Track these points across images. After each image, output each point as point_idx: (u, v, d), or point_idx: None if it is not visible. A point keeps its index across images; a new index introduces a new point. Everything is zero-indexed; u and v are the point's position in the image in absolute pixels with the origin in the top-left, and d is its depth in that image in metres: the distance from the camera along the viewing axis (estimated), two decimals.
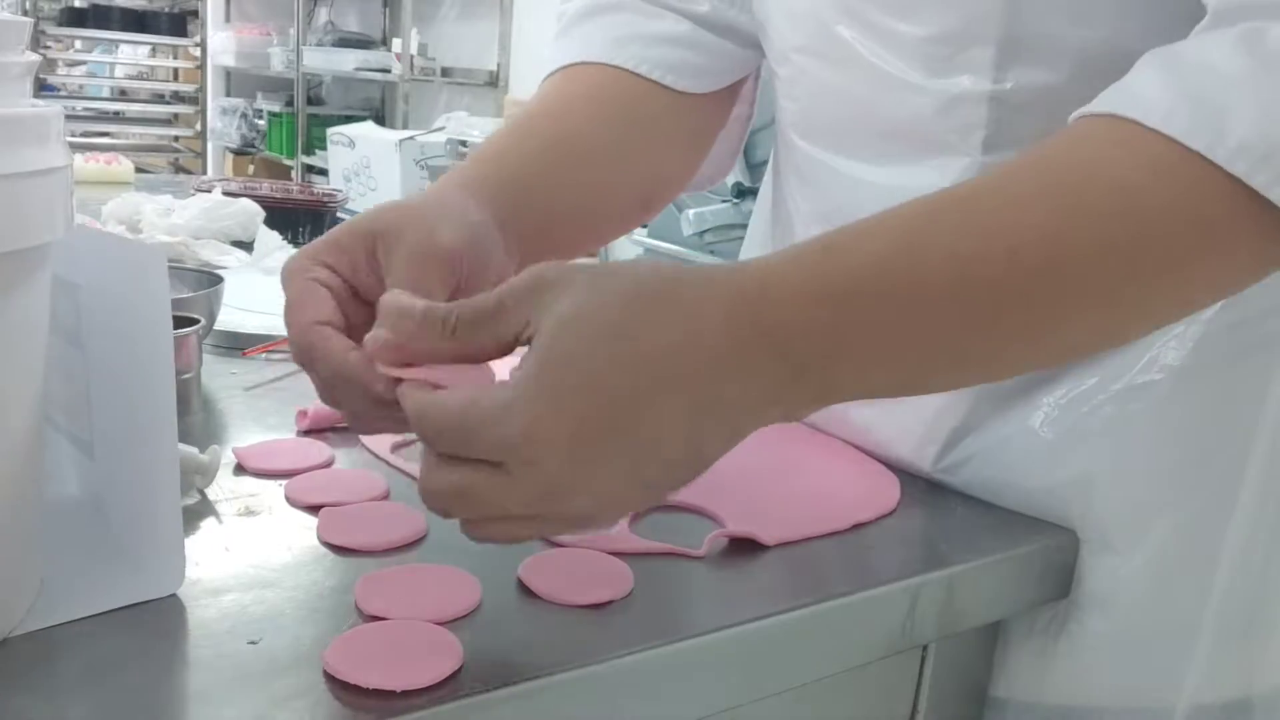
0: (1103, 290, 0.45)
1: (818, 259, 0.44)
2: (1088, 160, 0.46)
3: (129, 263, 0.46)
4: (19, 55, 0.40)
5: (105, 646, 0.42)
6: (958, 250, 0.44)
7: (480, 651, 0.44)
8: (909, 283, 0.44)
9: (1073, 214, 0.44)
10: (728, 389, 0.42)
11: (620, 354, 0.41)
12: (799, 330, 0.43)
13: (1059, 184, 0.45)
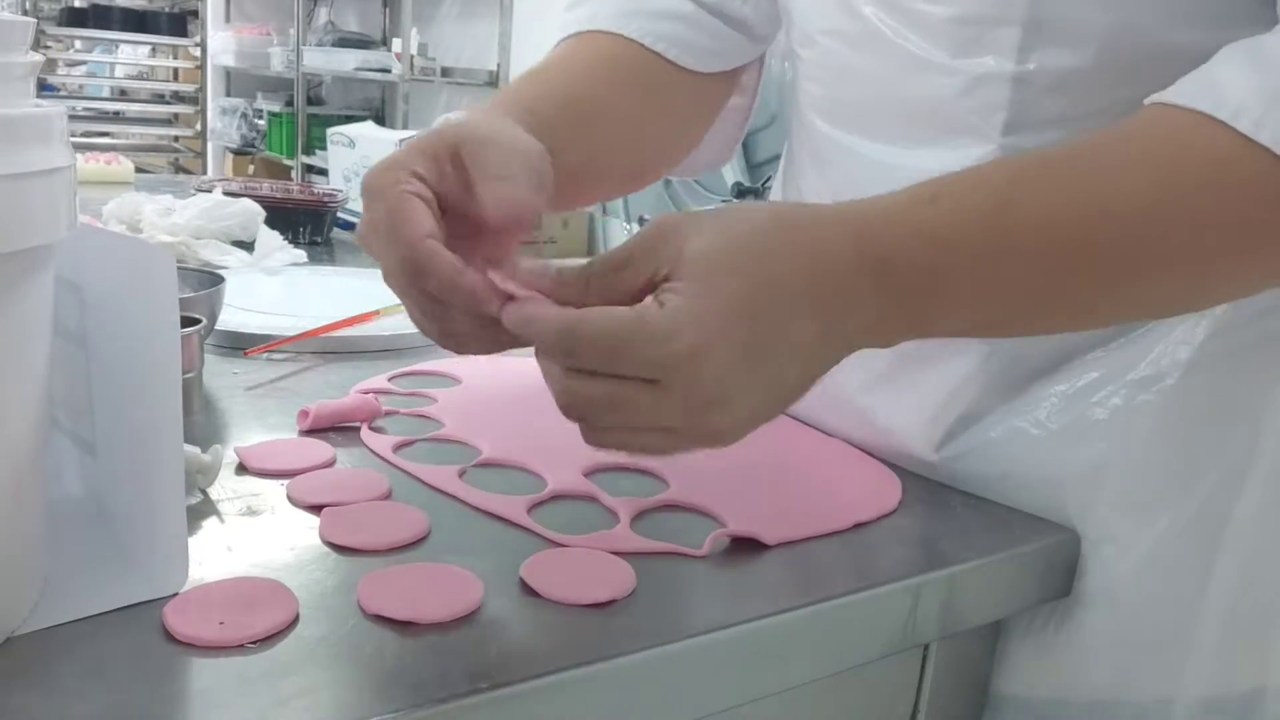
0: (1189, 257, 0.48)
1: (926, 209, 0.48)
2: (1179, 142, 0.48)
3: (135, 262, 0.46)
4: (21, 55, 0.40)
5: (108, 646, 0.42)
6: (1052, 209, 0.47)
7: (481, 651, 0.44)
8: (1004, 237, 0.47)
9: (1164, 184, 0.47)
10: (852, 313, 0.47)
11: (762, 279, 0.45)
12: (907, 267, 0.47)
13: (1151, 155, 0.48)
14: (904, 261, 0.47)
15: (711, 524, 0.58)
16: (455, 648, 0.43)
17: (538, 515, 0.58)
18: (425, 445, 0.67)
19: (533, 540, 0.55)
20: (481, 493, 0.60)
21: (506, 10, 4.27)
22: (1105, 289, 0.49)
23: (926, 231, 0.47)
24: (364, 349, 0.87)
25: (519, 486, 0.61)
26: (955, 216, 0.47)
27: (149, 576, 0.46)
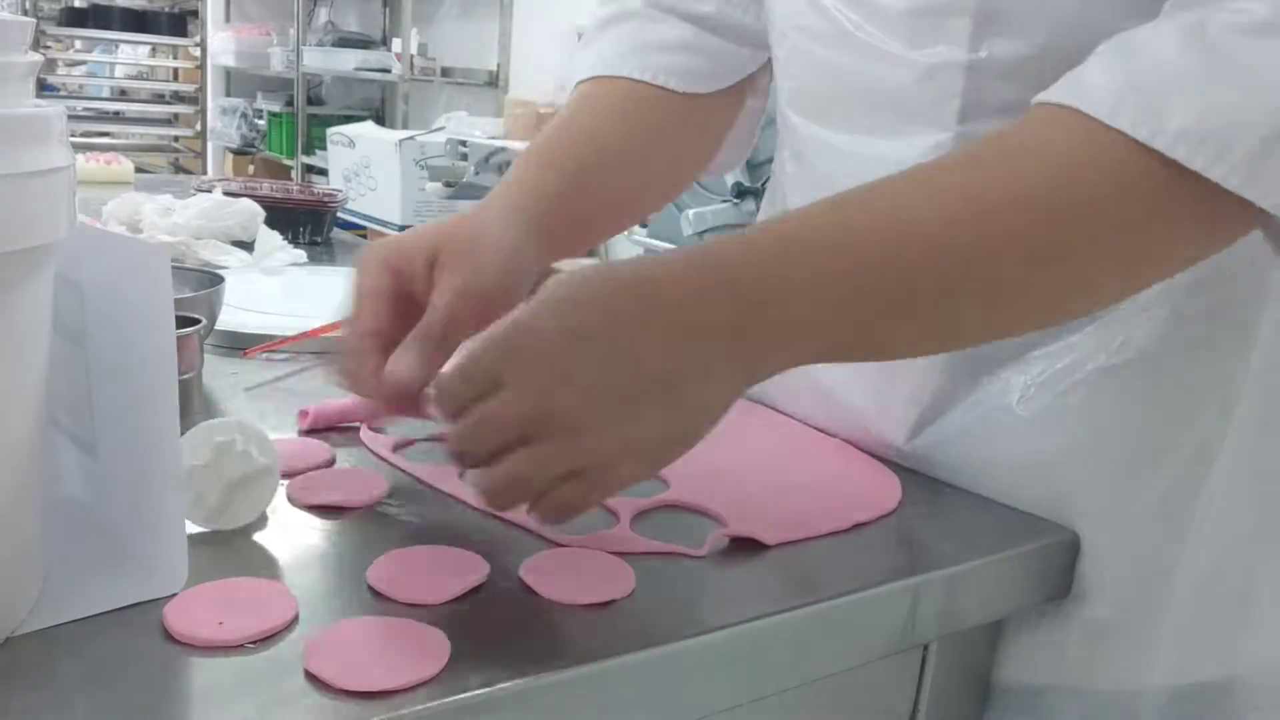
0: (1041, 257, 0.49)
1: (774, 222, 0.51)
2: (1037, 143, 0.49)
3: (133, 262, 0.46)
4: (21, 55, 0.40)
5: (107, 646, 0.42)
6: (886, 213, 0.49)
7: (481, 650, 0.44)
8: (847, 237, 0.49)
9: (1011, 187, 0.49)
10: (691, 315, 0.48)
11: (596, 294, 0.48)
12: (751, 270, 0.48)
13: (1003, 161, 0.50)
14: (750, 264, 0.49)
15: (711, 524, 0.58)
16: (454, 648, 0.43)
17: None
18: (425, 445, 0.67)
19: (533, 540, 0.55)
20: None
21: (506, 10, 4.27)
22: (960, 292, 0.49)
23: (767, 237, 0.50)
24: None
25: None
26: (800, 222, 0.50)
27: (148, 576, 0.46)
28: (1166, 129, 0.46)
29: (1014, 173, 0.49)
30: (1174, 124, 0.46)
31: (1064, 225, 0.48)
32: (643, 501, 0.60)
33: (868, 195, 0.51)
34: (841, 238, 0.49)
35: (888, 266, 0.49)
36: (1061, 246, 0.49)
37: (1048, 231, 0.49)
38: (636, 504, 0.59)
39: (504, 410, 0.47)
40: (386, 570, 0.49)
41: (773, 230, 0.51)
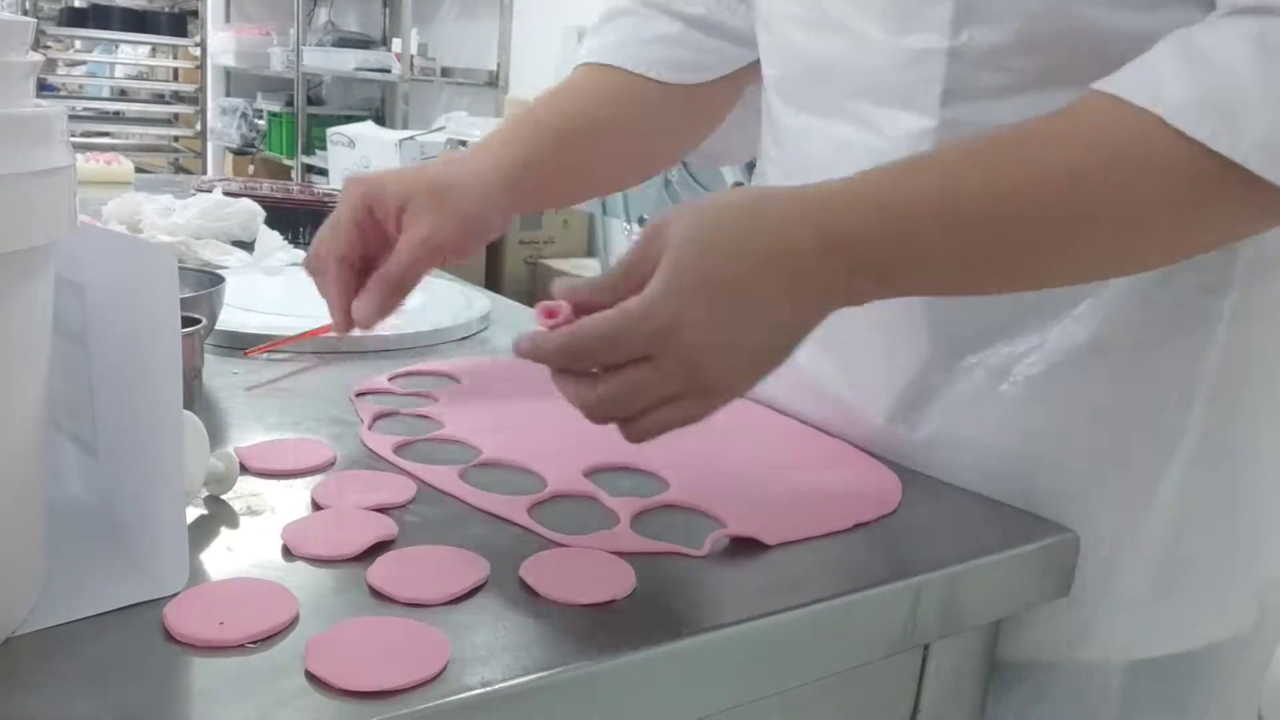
0: (1118, 225, 0.53)
1: (877, 186, 0.54)
2: (1118, 127, 0.52)
3: (137, 262, 0.46)
4: (22, 55, 0.40)
5: (108, 646, 0.42)
6: (997, 179, 0.53)
7: (482, 650, 0.44)
8: (946, 209, 0.53)
9: (1099, 159, 0.52)
10: (811, 271, 0.52)
11: (729, 253, 0.51)
12: (862, 237, 0.52)
13: (1092, 136, 0.53)
14: (862, 232, 0.52)
15: (711, 524, 0.58)
16: (454, 648, 0.43)
17: (538, 515, 0.58)
18: (425, 445, 0.67)
19: (533, 540, 0.55)
20: (482, 493, 0.60)
21: (506, 10, 4.27)
22: (1046, 248, 0.54)
23: (877, 206, 0.53)
24: (364, 349, 0.87)
25: (519, 486, 0.61)
26: (903, 191, 0.53)
27: (149, 577, 0.46)
28: (1241, 144, 0.49)
29: (1103, 156, 0.52)
30: (1249, 139, 0.49)
31: (1144, 223, 0.53)
32: (643, 501, 0.60)
33: (963, 160, 0.54)
34: (949, 217, 0.53)
35: (984, 234, 0.53)
36: (1141, 240, 0.54)
37: (1130, 233, 0.53)
38: (637, 504, 0.59)
39: (655, 379, 0.51)
40: (386, 570, 0.49)
41: (875, 198, 0.53)
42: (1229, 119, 0.49)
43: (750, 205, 0.53)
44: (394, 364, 0.83)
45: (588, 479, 0.63)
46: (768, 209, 0.53)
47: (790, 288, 0.52)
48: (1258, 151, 0.49)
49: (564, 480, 0.62)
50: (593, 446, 0.67)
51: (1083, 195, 0.52)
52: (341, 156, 3.93)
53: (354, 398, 0.75)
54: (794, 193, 0.54)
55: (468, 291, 1.08)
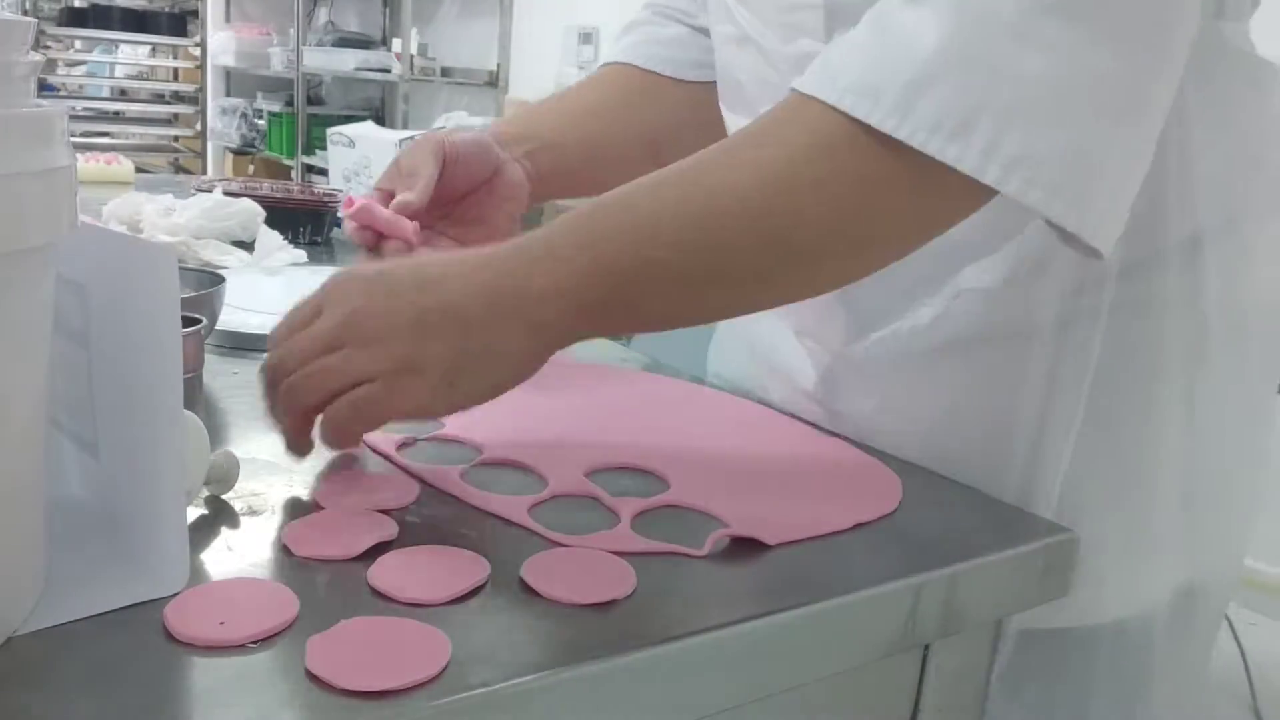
0: (765, 232, 0.56)
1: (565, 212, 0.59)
2: (778, 132, 0.57)
3: (137, 262, 0.46)
4: (22, 55, 0.40)
5: (109, 646, 0.42)
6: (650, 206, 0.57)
7: (482, 650, 0.44)
8: (589, 225, 0.57)
9: (743, 182, 0.56)
10: (482, 273, 0.57)
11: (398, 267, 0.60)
12: (527, 245, 0.58)
13: (756, 140, 0.58)
14: (554, 239, 0.57)
15: (712, 524, 0.58)
16: (455, 648, 0.43)
17: (538, 515, 0.58)
18: (426, 444, 0.67)
19: (533, 540, 0.55)
20: (482, 492, 0.60)
21: (506, 10, 4.27)
22: (733, 266, 0.57)
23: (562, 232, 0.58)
24: None
25: (520, 486, 0.61)
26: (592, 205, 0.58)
27: (150, 576, 0.46)
28: (836, 86, 0.54)
29: (747, 169, 0.56)
30: (841, 82, 0.54)
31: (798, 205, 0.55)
32: (643, 501, 0.60)
33: (644, 189, 0.58)
34: (585, 226, 0.57)
35: (626, 252, 0.56)
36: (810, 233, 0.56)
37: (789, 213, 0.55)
38: (637, 504, 0.59)
39: (319, 327, 0.57)
40: (387, 570, 0.49)
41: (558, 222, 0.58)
42: (830, 74, 0.54)
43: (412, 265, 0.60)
44: None
45: (588, 479, 0.63)
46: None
47: (461, 277, 0.57)
48: (848, 93, 0.53)
49: (565, 480, 0.62)
50: (593, 447, 0.68)
51: (746, 204, 0.55)
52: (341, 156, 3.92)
53: None
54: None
55: None
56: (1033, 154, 0.51)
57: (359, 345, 0.56)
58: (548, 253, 0.57)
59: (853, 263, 0.59)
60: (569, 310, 0.56)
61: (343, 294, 0.58)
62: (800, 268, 0.57)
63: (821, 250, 0.57)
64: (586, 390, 0.81)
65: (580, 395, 0.80)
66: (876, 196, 0.55)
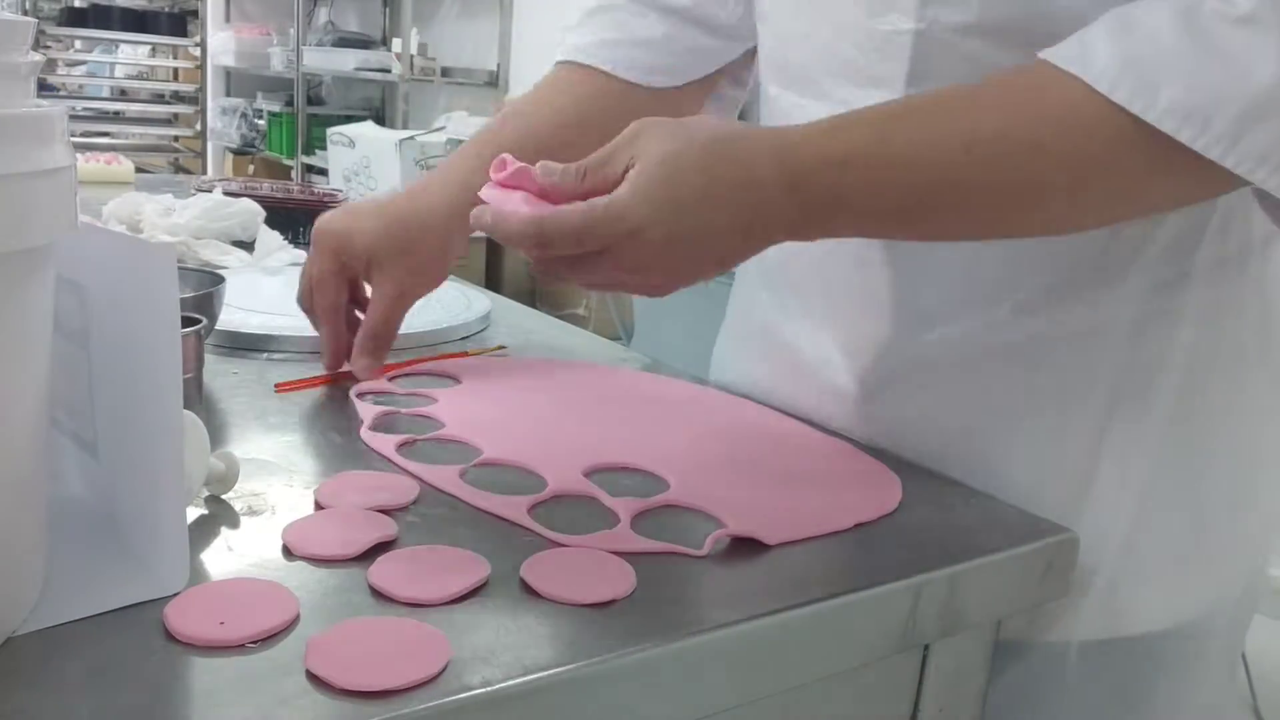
0: (1033, 181, 0.56)
1: (825, 138, 0.58)
2: (1042, 90, 0.56)
3: (137, 262, 0.46)
4: (22, 55, 0.40)
5: (109, 646, 0.42)
6: (921, 138, 0.57)
7: (482, 650, 0.44)
8: (885, 165, 0.57)
9: (1019, 119, 0.56)
10: (771, 216, 0.58)
11: (699, 175, 0.57)
12: (812, 184, 0.57)
13: (1013, 98, 0.57)
14: (810, 180, 0.57)
15: (711, 524, 0.58)
16: (455, 647, 0.43)
17: (538, 515, 0.58)
18: (426, 445, 0.67)
19: (533, 540, 0.55)
20: (482, 493, 0.60)
21: (506, 10, 4.27)
22: (968, 202, 0.58)
23: (825, 157, 0.57)
24: None
25: (519, 486, 0.61)
26: (843, 143, 0.58)
27: (150, 576, 0.46)
28: (1157, 105, 0.52)
29: (1028, 121, 0.56)
30: (1163, 101, 0.52)
31: (1060, 170, 0.56)
32: (643, 501, 0.60)
33: (901, 124, 0.58)
34: (882, 171, 0.57)
35: (919, 199, 0.58)
36: (1054, 189, 0.56)
37: (1053, 177, 0.56)
38: (637, 504, 0.59)
39: (601, 272, 0.58)
40: (387, 570, 0.49)
41: (827, 150, 0.58)
42: (1146, 83, 0.52)
43: (722, 133, 0.58)
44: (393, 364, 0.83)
45: (588, 479, 0.63)
46: (737, 139, 0.58)
47: (748, 220, 0.57)
48: (1171, 114, 0.52)
49: (564, 480, 0.62)
50: (593, 446, 0.68)
51: (1004, 153, 0.56)
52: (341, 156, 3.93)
53: (354, 397, 0.75)
54: (760, 130, 0.60)
55: (468, 291, 1.08)
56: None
57: (636, 278, 0.59)
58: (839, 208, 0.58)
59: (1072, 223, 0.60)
60: (841, 234, 0.61)
61: (636, 240, 0.56)
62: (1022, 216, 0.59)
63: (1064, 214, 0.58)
64: (586, 390, 0.81)
65: (580, 395, 0.80)
66: (1140, 192, 0.57)
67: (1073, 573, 0.63)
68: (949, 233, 0.62)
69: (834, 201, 0.58)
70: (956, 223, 0.60)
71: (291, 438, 0.67)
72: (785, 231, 0.59)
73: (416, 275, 0.78)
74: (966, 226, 0.60)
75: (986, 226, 0.60)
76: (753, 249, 0.60)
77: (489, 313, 1.01)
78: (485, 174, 0.73)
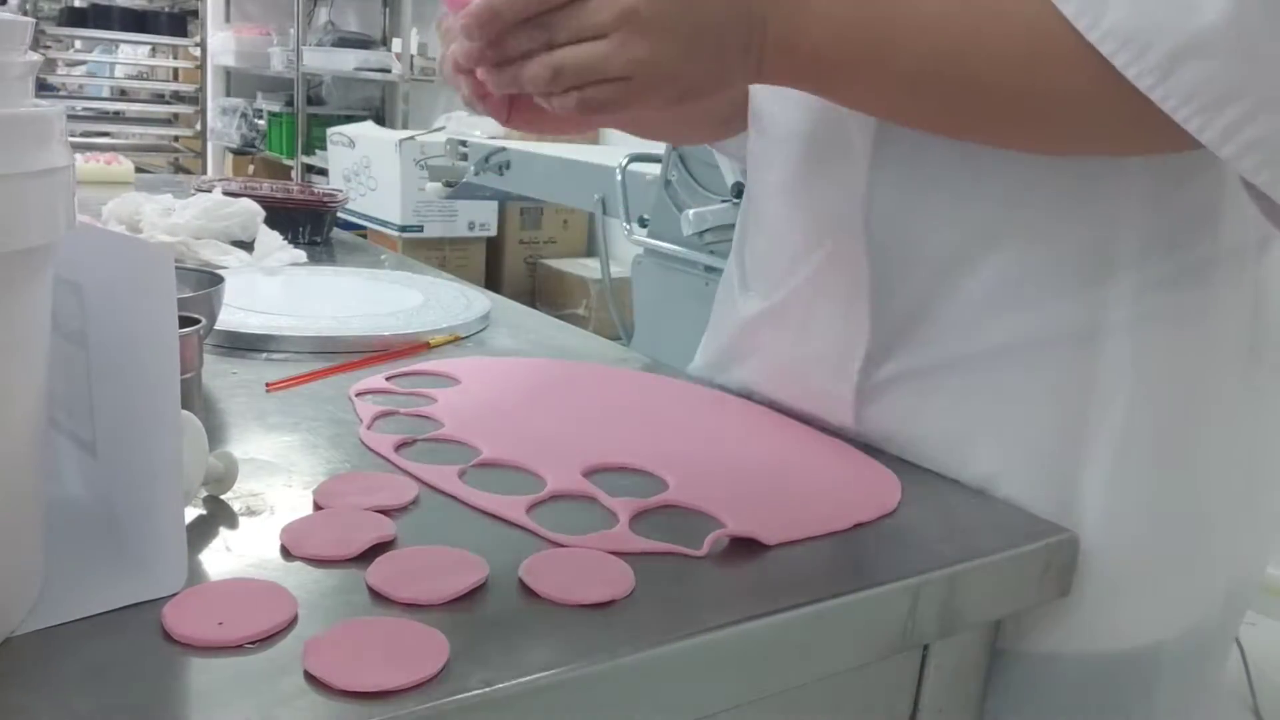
0: (980, 81, 0.56)
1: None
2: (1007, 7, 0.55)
3: (135, 262, 0.46)
4: (20, 55, 0.40)
5: (107, 646, 0.42)
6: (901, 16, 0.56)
7: (480, 650, 0.44)
8: (859, 25, 0.56)
9: (981, 12, 0.55)
10: (766, 31, 0.56)
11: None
12: (803, 32, 0.56)
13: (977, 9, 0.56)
14: (802, 31, 0.56)
15: (711, 524, 0.58)
16: (454, 648, 0.43)
17: (537, 515, 0.58)
18: (425, 445, 0.67)
19: (532, 540, 0.55)
20: (481, 493, 0.60)
21: None
22: (924, 85, 0.57)
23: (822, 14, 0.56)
24: (362, 349, 0.87)
25: (518, 486, 0.61)
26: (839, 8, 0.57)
27: (148, 576, 0.46)
28: (1100, 24, 0.52)
29: (977, 26, 0.55)
30: (1107, 21, 0.52)
31: (998, 71, 0.55)
32: (642, 502, 0.60)
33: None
34: (859, 23, 0.57)
35: (864, 26, 0.57)
36: (995, 90, 0.56)
37: (985, 74, 0.56)
38: (636, 504, 0.59)
39: (607, 50, 0.54)
40: (385, 571, 0.49)
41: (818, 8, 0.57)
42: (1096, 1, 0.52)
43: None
44: (393, 364, 0.83)
45: (587, 479, 0.63)
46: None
47: (741, 11, 0.55)
48: (1111, 36, 0.51)
49: (563, 480, 0.62)
50: (592, 446, 0.68)
51: (955, 32, 0.56)
52: (341, 156, 3.93)
53: (353, 397, 0.75)
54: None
55: (467, 291, 1.08)
56: (1273, 138, 0.52)
57: (624, 83, 0.55)
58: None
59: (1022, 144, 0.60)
60: (807, 72, 0.59)
61: (637, 19, 0.53)
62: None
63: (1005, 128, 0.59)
64: (585, 390, 0.81)
65: (579, 395, 0.80)
66: (1084, 117, 0.56)
67: (1072, 573, 0.63)
68: (893, 107, 0.60)
69: (795, 29, 0.56)
70: (908, 97, 0.59)
71: (290, 438, 0.67)
72: (763, 64, 0.57)
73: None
74: (918, 103, 0.59)
75: (941, 115, 0.59)
76: (742, 60, 0.56)
77: (489, 313, 1.01)
78: None
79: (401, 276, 1.15)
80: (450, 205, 3.68)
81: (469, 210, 3.81)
